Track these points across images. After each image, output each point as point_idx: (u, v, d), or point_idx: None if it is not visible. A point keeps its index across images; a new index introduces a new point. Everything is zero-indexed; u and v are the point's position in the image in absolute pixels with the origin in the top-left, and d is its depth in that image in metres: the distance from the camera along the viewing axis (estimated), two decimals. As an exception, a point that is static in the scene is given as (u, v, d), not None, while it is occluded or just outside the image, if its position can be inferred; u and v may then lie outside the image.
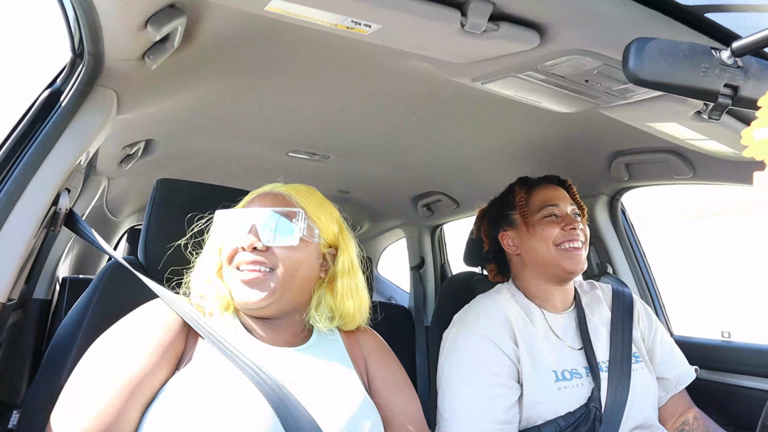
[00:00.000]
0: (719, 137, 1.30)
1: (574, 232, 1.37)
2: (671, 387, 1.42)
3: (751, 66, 0.81)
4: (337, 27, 0.96)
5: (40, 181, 1.01)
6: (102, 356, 0.92)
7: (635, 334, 1.41)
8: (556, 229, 1.38)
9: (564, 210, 1.41)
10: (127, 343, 0.93)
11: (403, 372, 1.17)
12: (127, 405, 0.86)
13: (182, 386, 0.91)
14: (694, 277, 9.52)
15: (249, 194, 1.14)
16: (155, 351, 0.92)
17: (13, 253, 0.96)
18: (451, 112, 1.56)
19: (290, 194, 1.10)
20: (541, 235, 1.38)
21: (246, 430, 0.87)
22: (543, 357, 1.28)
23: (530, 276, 1.42)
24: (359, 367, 1.13)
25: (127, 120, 1.53)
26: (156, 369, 0.91)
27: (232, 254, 1.04)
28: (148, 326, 0.96)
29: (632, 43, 0.79)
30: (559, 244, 1.36)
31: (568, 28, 0.98)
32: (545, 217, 1.40)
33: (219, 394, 0.90)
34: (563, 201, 1.42)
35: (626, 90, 1.16)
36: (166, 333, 0.96)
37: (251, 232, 1.03)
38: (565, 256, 1.36)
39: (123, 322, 0.98)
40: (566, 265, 1.35)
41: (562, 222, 1.38)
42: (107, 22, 0.94)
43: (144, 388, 0.89)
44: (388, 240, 3.73)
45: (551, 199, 1.42)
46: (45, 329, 2.19)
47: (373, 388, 1.12)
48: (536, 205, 1.42)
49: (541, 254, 1.38)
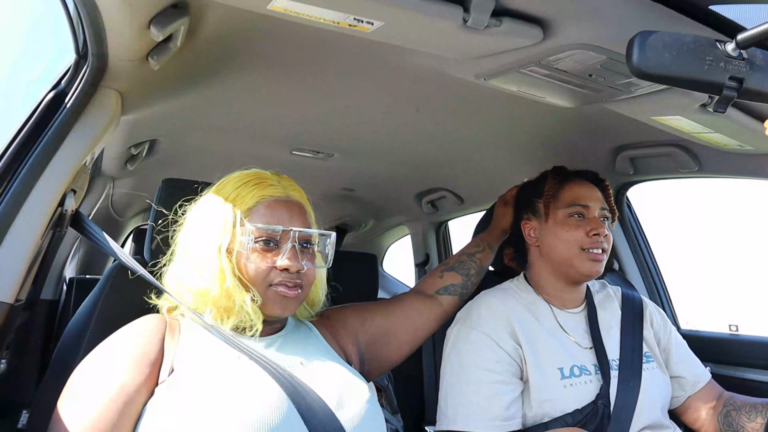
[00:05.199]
0: (725, 130, 1.29)
1: (598, 238, 1.32)
2: (689, 386, 1.40)
3: (756, 58, 0.80)
4: (339, 25, 0.96)
5: (46, 182, 1.02)
6: (91, 375, 0.92)
7: (646, 334, 1.40)
8: (580, 232, 1.33)
9: (593, 212, 1.35)
10: (115, 361, 0.93)
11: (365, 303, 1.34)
12: (119, 422, 0.87)
13: (187, 380, 0.92)
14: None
15: (256, 187, 1.07)
16: (142, 365, 0.92)
17: (20, 254, 0.96)
18: (455, 108, 1.55)
19: (304, 203, 1.12)
20: (564, 234, 1.34)
21: (261, 412, 0.88)
22: (548, 354, 1.28)
23: (545, 270, 1.40)
24: (340, 342, 1.19)
25: (131, 120, 1.54)
26: (145, 381, 0.91)
27: (267, 271, 1.03)
28: (131, 341, 0.96)
29: (636, 36, 0.79)
30: (585, 248, 1.33)
31: (571, 23, 0.97)
32: (570, 216, 1.35)
33: (229, 381, 0.91)
34: (594, 202, 1.36)
35: (630, 84, 1.16)
36: (150, 344, 0.96)
37: (292, 254, 1.03)
38: (585, 259, 1.32)
39: (108, 341, 0.98)
40: (584, 269, 1.33)
41: (588, 225, 1.33)
42: (111, 23, 0.94)
43: (134, 402, 0.89)
44: (393, 237, 3.73)
45: (581, 198, 1.36)
46: (53, 329, 2.20)
47: (371, 333, 1.25)
48: (565, 200, 1.37)
49: (559, 253, 1.35)
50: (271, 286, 1.03)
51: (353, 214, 3.26)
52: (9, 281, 0.95)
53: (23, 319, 1.68)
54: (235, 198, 1.06)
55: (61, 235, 1.23)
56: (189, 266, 1.05)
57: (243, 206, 1.05)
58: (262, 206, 1.06)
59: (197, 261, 1.03)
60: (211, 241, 1.03)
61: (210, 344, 0.99)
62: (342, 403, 0.98)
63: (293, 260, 1.02)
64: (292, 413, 0.90)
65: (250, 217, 1.04)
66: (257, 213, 1.05)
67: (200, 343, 0.99)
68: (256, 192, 1.07)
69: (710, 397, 1.39)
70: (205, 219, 1.07)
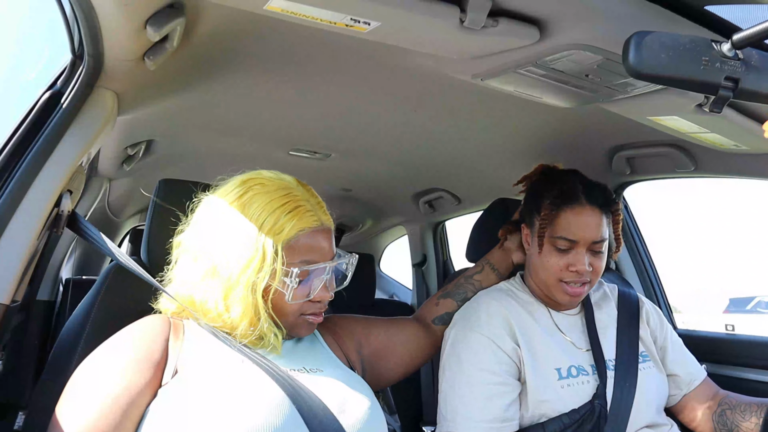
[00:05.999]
0: (721, 130, 1.29)
1: (576, 275, 1.27)
2: (684, 385, 1.41)
3: (752, 58, 0.81)
4: (336, 25, 0.96)
5: (42, 183, 1.01)
6: (94, 375, 0.91)
7: (643, 334, 1.41)
8: (562, 263, 1.28)
9: (581, 246, 1.27)
10: (118, 362, 0.92)
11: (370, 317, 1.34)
12: (122, 423, 0.86)
13: (190, 383, 0.91)
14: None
15: (293, 215, 1.00)
16: (145, 366, 0.91)
17: (16, 254, 0.96)
18: (452, 108, 1.56)
19: (332, 225, 1.09)
20: (545, 260, 1.31)
21: (264, 416, 0.88)
22: (545, 355, 1.28)
23: (534, 280, 1.40)
24: (343, 349, 1.20)
25: (128, 121, 1.53)
26: (149, 383, 0.90)
27: (302, 304, 1.03)
28: (135, 342, 0.95)
29: (632, 36, 0.79)
30: (562, 281, 1.29)
31: (568, 23, 0.97)
32: (555, 246, 1.29)
33: (232, 385, 0.91)
34: (587, 235, 1.27)
35: (627, 84, 1.16)
36: (154, 345, 0.95)
37: (329, 285, 1.05)
38: (560, 291, 1.30)
39: (111, 341, 0.97)
40: (559, 299, 1.32)
41: (570, 259, 1.27)
42: (107, 23, 0.94)
43: (137, 404, 0.88)
44: (391, 237, 3.73)
45: (571, 233, 1.27)
46: (49, 330, 2.20)
47: (374, 346, 1.26)
48: (557, 227, 1.29)
49: (540, 276, 1.34)
50: (303, 315, 1.04)
51: (351, 215, 3.26)
52: (5, 282, 0.94)
53: (19, 320, 1.68)
54: (271, 228, 0.98)
55: (58, 235, 1.23)
56: (212, 284, 0.99)
57: (281, 238, 0.98)
58: (302, 238, 1.00)
59: (221, 286, 0.98)
60: (245, 274, 0.97)
61: (214, 348, 0.98)
62: (344, 408, 0.98)
63: (328, 291, 1.03)
64: (294, 417, 0.90)
65: (290, 251, 0.99)
66: (298, 247, 1.00)
67: (204, 347, 0.98)
68: (295, 223, 1.00)
69: (706, 396, 1.40)
70: (235, 243, 0.99)
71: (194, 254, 1.02)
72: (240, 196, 1.02)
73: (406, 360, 1.32)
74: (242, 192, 1.03)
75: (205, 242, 1.01)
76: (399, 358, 1.30)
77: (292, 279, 0.98)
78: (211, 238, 1.01)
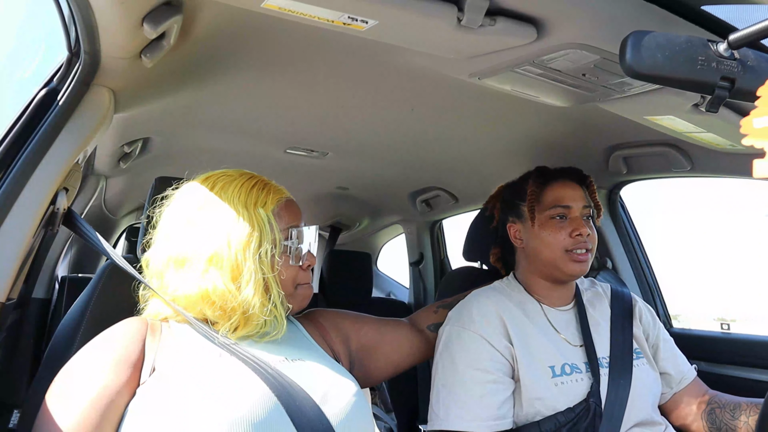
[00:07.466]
0: (717, 130, 1.30)
1: (581, 238, 1.32)
2: (674, 383, 1.42)
3: (748, 58, 0.81)
4: (333, 24, 0.96)
5: (37, 180, 1.01)
6: (73, 377, 0.91)
7: (636, 331, 1.41)
8: (563, 234, 1.33)
9: (575, 212, 1.35)
10: (95, 364, 0.92)
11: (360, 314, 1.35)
12: (100, 424, 0.86)
13: (168, 379, 0.91)
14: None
15: (266, 188, 1.08)
16: (123, 367, 0.92)
17: (11, 252, 0.96)
18: (449, 107, 1.56)
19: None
20: (547, 237, 1.35)
21: (245, 408, 0.88)
22: (539, 353, 1.28)
23: (532, 272, 1.41)
24: (327, 341, 1.21)
25: (124, 118, 1.53)
26: (127, 383, 0.91)
27: (296, 272, 1.07)
28: (112, 344, 0.95)
29: (629, 36, 0.79)
30: (568, 250, 1.33)
31: (565, 23, 0.98)
32: (552, 217, 1.35)
33: (210, 379, 0.91)
34: (577, 201, 1.36)
35: (623, 83, 1.16)
36: (131, 346, 0.95)
37: (312, 250, 1.09)
38: (569, 261, 1.33)
39: (89, 345, 0.97)
40: (568, 269, 1.33)
41: (570, 226, 1.34)
42: (103, 20, 0.93)
43: (115, 404, 0.88)
44: (388, 236, 3.73)
45: (563, 199, 1.36)
46: (44, 328, 2.19)
47: (363, 341, 1.26)
48: (547, 202, 1.37)
49: (544, 256, 1.36)
50: (298, 286, 1.06)
51: (348, 213, 3.25)
52: (0, 280, 0.94)
53: (14, 318, 1.67)
54: (256, 202, 1.04)
55: (53, 233, 1.23)
56: (216, 273, 1.00)
57: (268, 208, 1.05)
58: (281, 207, 1.08)
59: (228, 269, 0.99)
60: (249, 249, 1.00)
61: (192, 343, 0.98)
62: (327, 398, 0.98)
63: (314, 256, 1.07)
64: (277, 409, 0.90)
65: (278, 219, 1.06)
66: (282, 215, 1.07)
67: (181, 343, 0.98)
68: (272, 195, 1.07)
69: (695, 395, 1.41)
70: (230, 225, 1.01)
71: (180, 259, 1.02)
72: (210, 189, 1.06)
73: (395, 360, 1.32)
74: (210, 186, 1.07)
75: (192, 241, 1.02)
76: (388, 357, 1.31)
77: (292, 240, 1.04)
78: (198, 235, 1.02)
